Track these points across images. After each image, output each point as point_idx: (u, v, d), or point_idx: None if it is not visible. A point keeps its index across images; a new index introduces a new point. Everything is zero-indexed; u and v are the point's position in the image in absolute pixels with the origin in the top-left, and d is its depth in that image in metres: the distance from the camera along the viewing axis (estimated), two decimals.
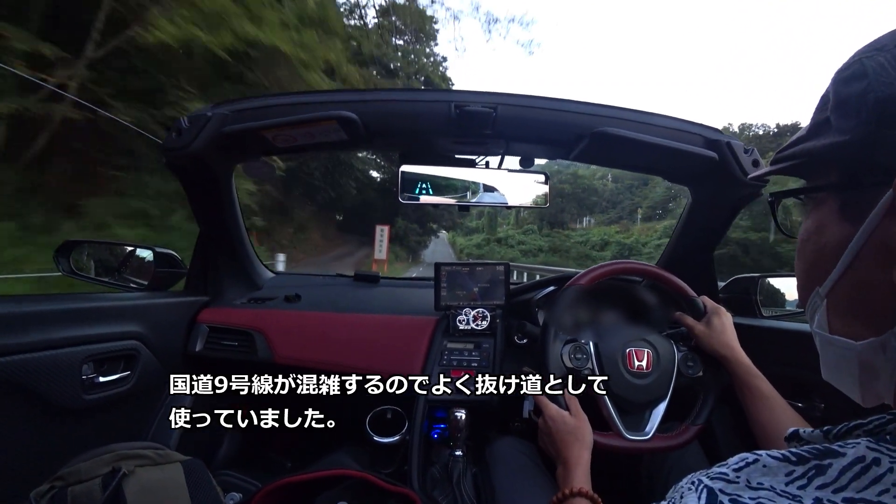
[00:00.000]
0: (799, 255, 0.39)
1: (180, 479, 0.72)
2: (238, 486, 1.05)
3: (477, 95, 0.95)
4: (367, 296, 1.53)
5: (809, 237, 0.37)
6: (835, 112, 0.33)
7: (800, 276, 0.39)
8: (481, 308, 1.25)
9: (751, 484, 0.28)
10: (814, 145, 0.35)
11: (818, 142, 0.35)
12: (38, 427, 0.87)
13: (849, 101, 0.32)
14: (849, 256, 0.32)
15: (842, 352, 0.34)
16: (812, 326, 0.38)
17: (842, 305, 0.34)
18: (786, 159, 0.40)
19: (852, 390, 0.34)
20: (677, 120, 1.00)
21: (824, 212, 0.35)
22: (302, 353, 1.23)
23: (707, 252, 1.22)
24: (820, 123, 0.35)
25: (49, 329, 0.87)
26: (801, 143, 0.37)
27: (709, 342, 0.85)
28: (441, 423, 1.13)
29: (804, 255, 0.38)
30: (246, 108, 0.97)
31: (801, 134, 0.38)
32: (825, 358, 0.37)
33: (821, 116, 0.35)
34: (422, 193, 1.07)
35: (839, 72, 0.34)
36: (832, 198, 0.35)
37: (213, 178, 1.14)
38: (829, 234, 0.34)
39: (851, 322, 0.33)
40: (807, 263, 0.38)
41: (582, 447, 0.74)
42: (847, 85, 0.32)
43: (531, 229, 45.43)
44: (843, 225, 0.33)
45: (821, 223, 0.36)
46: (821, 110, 0.36)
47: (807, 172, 0.39)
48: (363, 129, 0.97)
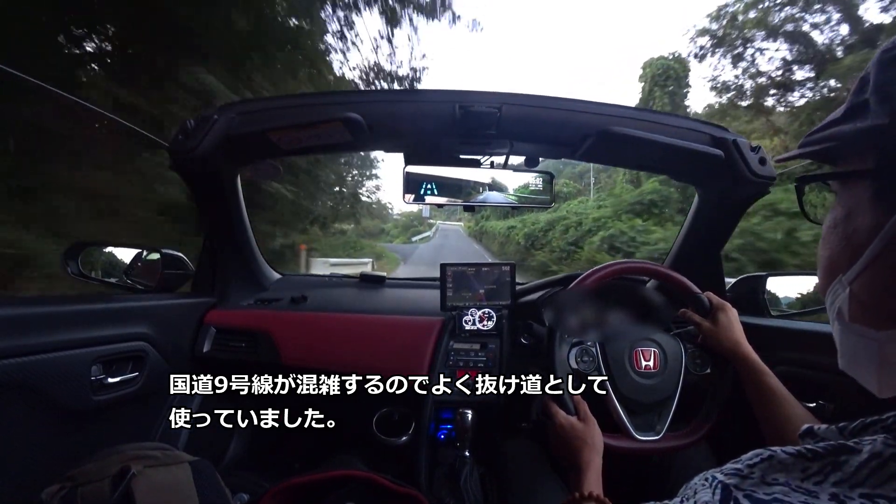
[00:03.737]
0: (824, 242, 0.38)
1: (188, 479, 0.73)
2: (246, 487, 1.05)
3: (481, 95, 0.95)
4: (373, 297, 1.53)
5: (837, 224, 0.36)
6: (875, 95, 0.32)
7: (823, 262, 0.38)
8: (487, 308, 1.25)
9: (765, 479, 0.27)
10: (850, 129, 0.34)
11: (855, 125, 0.33)
12: (49, 428, 0.88)
13: (890, 84, 0.31)
14: (879, 244, 0.31)
15: (862, 341, 0.33)
16: (832, 314, 0.37)
17: (866, 294, 0.33)
18: (818, 142, 0.38)
19: (869, 380, 0.34)
20: (684, 118, 0.99)
21: (855, 198, 0.34)
22: (308, 354, 1.23)
23: (714, 251, 1.21)
24: (857, 106, 0.34)
25: (58, 331, 0.88)
26: (835, 125, 0.36)
27: (715, 339, 0.84)
28: (448, 423, 1.13)
29: (829, 241, 0.37)
30: (252, 111, 0.98)
31: (835, 116, 0.36)
32: (844, 347, 0.36)
33: (858, 99, 0.34)
34: (426, 194, 1.07)
35: (882, 53, 0.32)
36: (865, 184, 0.33)
37: (219, 180, 1.15)
38: (860, 221, 0.33)
39: (875, 312, 0.33)
40: (832, 250, 0.37)
41: (592, 452, 0.73)
42: (889, 68, 0.31)
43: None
44: (875, 212, 0.32)
45: (851, 210, 0.34)
46: (858, 92, 0.34)
47: (839, 157, 0.38)
48: (368, 129, 0.97)
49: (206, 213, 1.22)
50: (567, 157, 1.15)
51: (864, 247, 0.32)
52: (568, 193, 21.72)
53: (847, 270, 0.34)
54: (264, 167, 1.13)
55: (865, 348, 0.33)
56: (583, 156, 1.15)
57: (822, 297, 0.40)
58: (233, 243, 1.33)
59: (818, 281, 0.40)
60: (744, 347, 0.81)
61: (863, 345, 0.33)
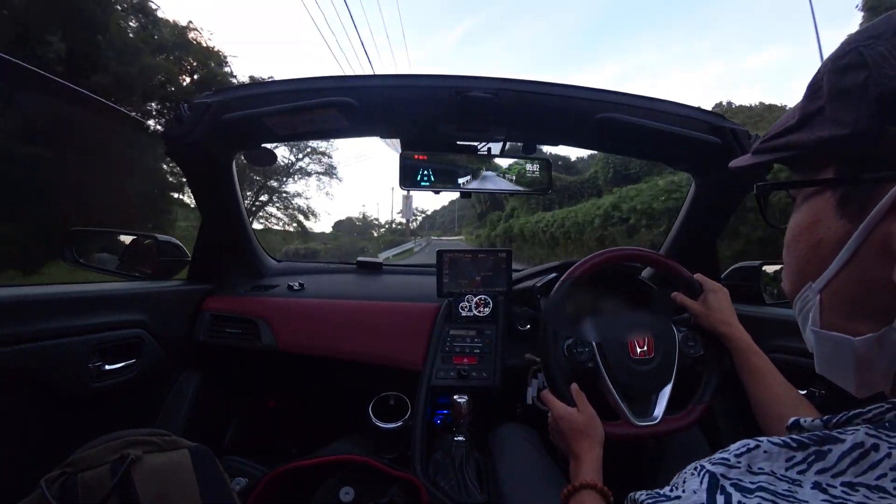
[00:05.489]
0: (789, 250, 0.38)
1: (188, 464, 0.73)
2: (244, 472, 1.07)
3: (478, 81, 0.94)
4: (370, 283, 1.54)
5: (802, 232, 0.36)
6: (831, 103, 0.31)
7: (790, 269, 0.38)
8: (484, 295, 1.25)
9: (752, 469, 0.28)
10: (808, 137, 0.33)
11: (812, 134, 0.33)
12: (48, 415, 0.88)
13: (848, 92, 0.30)
14: (847, 253, 0.31)
15: (838, 346, 0.33)
16: (805, 322, 0.37)
17: (837, 301, 0.33)
18: (773, 150, 0.38)
19: (847, 382, 0.34)
20: (682, 106, 0.99)
21: (819, 206, 0.34)
22: (305, 341, 1.24)
23: (710, 239, 1.21)
24: (812, 113, 0.33)
25: (56, 318, 0.88)
26: (789, 133, 0.35)
27: (707, 320, 0.85)
28: (444, 408, 1.14)
29: (796, 249, 0.36)
30: (246, 96, 0.96)
31: (789, 123, 0.35)
32: (820, 352, 0.36)
33: (812, 106, 0.33)
34: (423, 180, 1.06)
35: (833, 60, 0.32)
36: (828, 193, 0.33)
37: (214, 166, 1.14)
38: (825, 229, 0.33)
39: (847, 318, 0.33)
40: (798, 259, 0.36)
41: (592, 442, 0.74)
42: (844, 75, 0.31)
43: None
44: (840, 221, 0.32)
45: (815, 218, 0.34)
46: (811, 98, 0.33)
47: (797, 164, 0.37)
48: (363, 115, 0.96)
49: (202, 199, 1.22)
50: (565, 144, 1.15)
51: (832, 255, 0.32)
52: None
53: (816, 278, 0.34)
54: (259, 153, 1.12)
55: (842, 354, 0.33)
56: (581, 142, 1.14)
57: (790, 301, 0.40)
58: (229, 230, 1.32)
59: (786, 286, 0.39)
60: (735, 328, 0.82)
61: (839, 350, 0.33)
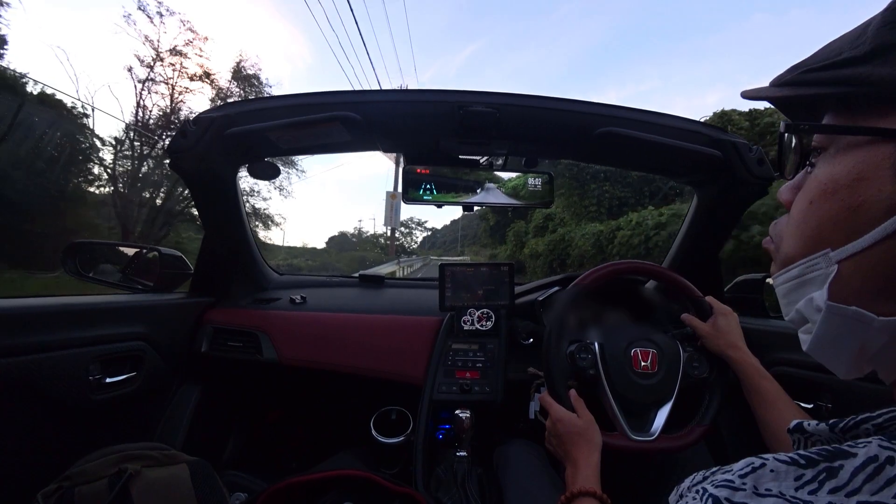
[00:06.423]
0: (812, 207, 0.32)
1: (186, 479, 0.73)
2: (244, 487, 1.05)
3: (480, 96, 0.95)
4: (372, 297, 1.53)
5: (838, 189, 0.30)
6: None
7: (805, 229, 0.33)
8: (486, 308, 1.25)
9: (758, 490, 0.26)
10: (887, 72, 0.27)
11: (892, 69, 0.27)
12: (47, 427, 0.88)
13: None
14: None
15: (851, 324, 0.29)
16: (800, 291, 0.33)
17: (861, 275, 0.29)
18: (823, 82, 0.31)
19: (837, 364, 0.32)
20: (682, 119, 0.99)
21: (869, 161, 0.28)
22: (307, 354, 1.23)
23: (713, 252, 1.21)
24: (889, 46, 0.27)
25: (56, 330, 0.88)
26: (854, 65, 0.29)
27: (715, 343, 0.85)
28: (446, 423, 1.13)
29: (823, 208, 0.31)
30: (250, 110, 0.97)
31: (852, 53, 0.29)
32: (823, 330, 0.31)
33: (890, 37, 0.27)
34: (426, 194, 1.07)
35: None
36: (889, 148, 0.27)
37: (217, 180, 1.15)
38: (873, 190, 0.28)
39: (874, 295, 0.29)
40: (823, 219, 0.31)
41: (591, 448, 0.73)
42: None
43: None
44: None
45: (863, 175, 0.28)
46: (892, 26, 0.27)
47: (852, 106, 0.30)
48: (366, 129, 0.97)
49: (205, 211, 1.22)
50: (566, 158, 1.15)
51: (872, 222, 0.27)
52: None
53: (839, 246, 0.30)
54: (262, 166, 1.13)
55: (850, 332, 0.30)
56: (582, 156, 1.15)
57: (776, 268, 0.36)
58: (231, 242, 1.33)
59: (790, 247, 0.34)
60: (743, 352, 0.81)
61: (848, 328, 0.30)
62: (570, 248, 10.93)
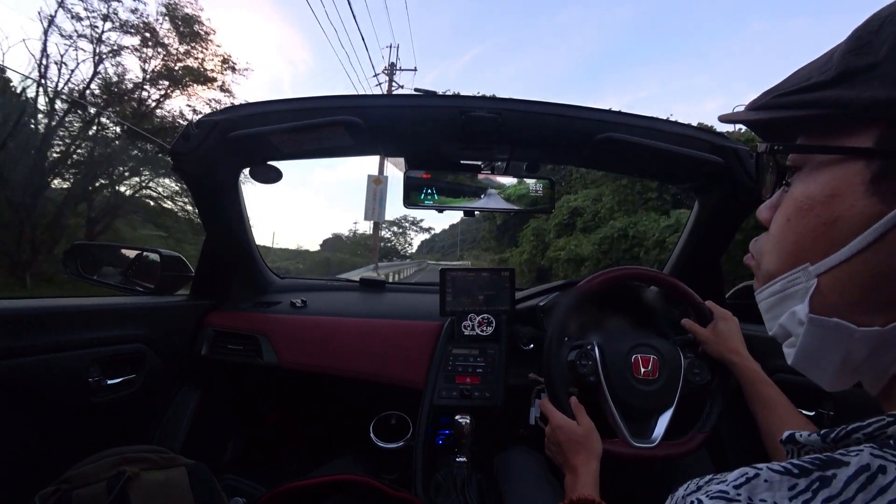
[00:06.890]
0: (790, 224, 0.33)
1: (185, 482, 0.72)
2: (242, 491, 1.05)
3: (483, 101, 0.96)
4: (373, 301, 1.53)
5: (814, 205, 0.31)
6: (891, 60, 0.26)
7: (785, 246, 0.34)
8: (486, 314, 1.25)
9: (753, 502, 0.26)
10: (853, 95, 0.28)
11: (858, 92, 0.28)
12: (46, 429, 0.87)
13: None
14: (871, 237, 0.27)
15: (834, 336, 0.30)
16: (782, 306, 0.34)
17: (839, 288, 0.30)
18: (794, 106, 0.32)
19: (822, 376, 0.32)
20: (684, 126, 1.00)
21: (843, 178, 0.29)
22: (307, 358, 1.23)
23: (714, 258, 1.21)
24: (858, 69, 0.28)
25: (57, 332, 0.87)
26: (822, 88, 0.30)
27: (716, 348, 0.84)
28: (446, 429, 1.13)
29: (801, 224, 0.32)
30: (253, 114, 0.98)
31: (820, 78, 0.30)
32: (806, 342, 0.32)
33: (858, 61, 0.28)
34: (427, 198, 1.07)
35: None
36: (860, 165, 0.28)
37: (219, 183, 1.15)
38: (846, 206, 0.29)
39: (852, 307, 0.30)
40: (801, 235, 0.32)
41: (590, 455, 0.73)
42: None
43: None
44: (870, 200, 0.27)
45: (836, 192, 0.29)
46: (856, 52, 0.28)
47: (818, 126, 0.32)
48: (369, 133, 0.97)
49: (207, 214, 1.23)
50: (568, 164, 1.16)
51: (848, 236, 0.28)
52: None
53: (818, 260, 0.30)
54: (264, 169, 1.13)
55: (833, 344, 0.30)
56: (583, 162, 1.15)
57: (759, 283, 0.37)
58: (233, 245, 1.33)
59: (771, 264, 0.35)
60: (745, 357, 0.81)
61: (831, 340, 0.30)
62: (644, 242, 9.35)
